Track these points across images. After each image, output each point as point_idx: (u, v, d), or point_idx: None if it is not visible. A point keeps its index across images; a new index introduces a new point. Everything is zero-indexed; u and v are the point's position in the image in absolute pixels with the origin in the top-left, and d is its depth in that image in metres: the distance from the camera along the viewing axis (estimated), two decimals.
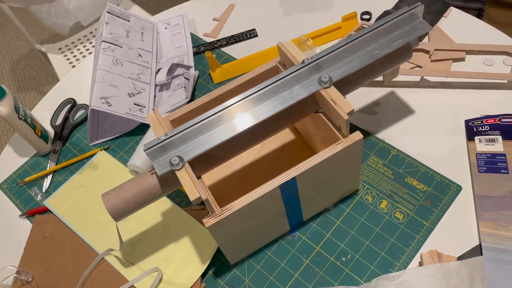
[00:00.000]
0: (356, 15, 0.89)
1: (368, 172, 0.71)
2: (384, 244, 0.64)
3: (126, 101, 0.79)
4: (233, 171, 0.72)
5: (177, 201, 0.73)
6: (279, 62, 0.66)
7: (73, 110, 0.88)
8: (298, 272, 0.64)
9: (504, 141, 0.69)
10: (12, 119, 0.76)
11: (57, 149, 0.83)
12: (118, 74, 0.80)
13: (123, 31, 0.87)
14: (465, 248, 0.62)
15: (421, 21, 0.62)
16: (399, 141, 0.73)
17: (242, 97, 0.57)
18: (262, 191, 0.55)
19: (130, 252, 0.68)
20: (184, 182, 0.53)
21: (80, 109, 0.89)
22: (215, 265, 0.66)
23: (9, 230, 0.76)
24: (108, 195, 0.57)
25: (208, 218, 0.54)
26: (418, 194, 0.68)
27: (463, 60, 0.80)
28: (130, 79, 0.81)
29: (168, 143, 0.55)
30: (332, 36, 0.89)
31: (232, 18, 0.98)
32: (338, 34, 0.89)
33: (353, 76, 0.61)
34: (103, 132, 0.83)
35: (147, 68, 0.85)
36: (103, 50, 0.82)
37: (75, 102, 0.89)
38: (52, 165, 0.81)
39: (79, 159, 0.81)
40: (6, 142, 1.79)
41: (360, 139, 0.57)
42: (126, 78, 0.81)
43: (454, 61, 0.80)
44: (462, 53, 0.80)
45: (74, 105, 0.89)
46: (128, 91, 0.80)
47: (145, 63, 0.86)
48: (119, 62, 0.82)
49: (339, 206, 0.68)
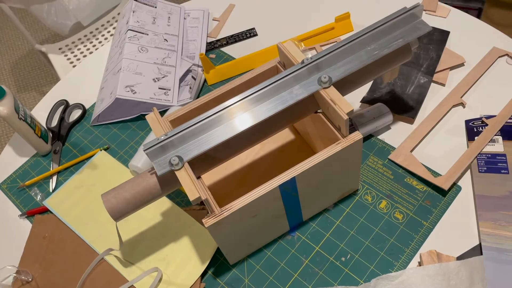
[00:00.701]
0: (349, 15, 0.89)
1: (368, 172, 0.71)
2: (384, 244, 0.64)
3: (151, 86, 0.79)
4: (233, 171, 0.72)
5: (177, 201, 0.73)
6: (278, 62, 0.66)
7: (67, 110, 0.88)
8: (298, 272, 0.64)
9: (504, 141, 0.69)
10: (12, 119, 0.76)
11: (58, 150, 0.83)
12: (143, 61, 0.81)
13: (149, 18, 0.88)
14: (465, 248, 0.62)
15: (421, 21, 0.62)
16: (399, 141, 0.73)
17: (241, 97, 0.57)
18: (262, 191, 0.55)
19: (130, 252, 0.68)
20: (183, 182, 0.53)
21: (75, 109, 0.89)
22: (215, 265, 0.66)
23: (9, 230, 0.76)
24: (107, 195, 0.57)
25: (207, 218, 0.54)
26: (418, 194, 0.68)
27: (463, 65, 0.80)
28: (155, 64, 0.82)
29: (167, 143, 0.55)
30: (325, 37, 0.89)
31: (232, 18, 0.98)
32: (331, 34, 0.89)
33: (353, 76, 0.61)
34: (107, 115, 0.83)
35: (173, 51, 0.86)
36: (129, 39, 0.82)
37: (68, 103, 0.90)
38: (54, 166, 0.81)
39: (81, 159, 0.81)
40: (6, 142, 1.79)
41: (359, 139, 0.57)
42: (151, 64, 0.82)
43: (452, 68, 0.80)
44: (461, 58, 0.80)
45: (67, 105, 0.89)
46: (153, 76, 0.80)
47: (171, 46, 0.86)
48: (144, 49, 0.82)
49: (338, 206, 0.68)
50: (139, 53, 0.82)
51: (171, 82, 0.81)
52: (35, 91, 1.93)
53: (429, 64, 0.79)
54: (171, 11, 0.93)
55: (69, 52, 1.40)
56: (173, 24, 0.91)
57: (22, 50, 2.09)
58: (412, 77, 0.78)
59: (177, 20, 0.93)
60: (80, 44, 1.41)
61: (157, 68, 0.82)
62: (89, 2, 1.37)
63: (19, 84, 1.95)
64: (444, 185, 0.66)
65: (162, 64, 0.82)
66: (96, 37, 1.42)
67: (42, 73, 1.99)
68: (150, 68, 0.81)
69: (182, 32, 0.91)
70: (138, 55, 0.82)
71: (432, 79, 0.78)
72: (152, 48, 0.84)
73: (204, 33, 0.92)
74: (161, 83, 0.80)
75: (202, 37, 0.92)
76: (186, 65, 0.84)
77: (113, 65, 0.84)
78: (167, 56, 0.84)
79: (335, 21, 0.89)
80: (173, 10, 0.94)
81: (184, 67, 0.84)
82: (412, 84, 0.78)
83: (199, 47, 0.91)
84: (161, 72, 0.81)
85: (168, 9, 0.93)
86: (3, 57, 2.07)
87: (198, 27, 0.93)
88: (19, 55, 2.07)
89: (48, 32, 2.13)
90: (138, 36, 0.84)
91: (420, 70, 0.79)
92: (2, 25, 2.19)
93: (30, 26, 2.16)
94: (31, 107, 1.83)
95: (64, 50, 1.41)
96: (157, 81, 0.80)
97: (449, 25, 0.86)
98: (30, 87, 1.95)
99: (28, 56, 2.06)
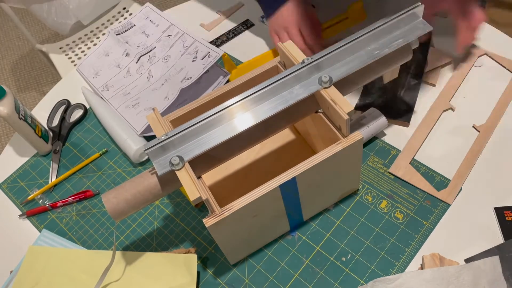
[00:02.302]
0: (362, 4, 0.88)
1: (368, 172, 0.71)
2: (384, 244, 0.64)
3: (195, 64, 0.84)
4: (233, 171, 0.72)
5: (177, 201, 0.73)
6: (279, 62, 0.66)
7: (68, 110, 0.88)
8: (298, 272, 0.64)
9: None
10: (13, 119, 0.76)
11: (58, 149, 0.83)
12: (174, 62, 0.88)
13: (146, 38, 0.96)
14: (465, 248, 0.62)
15: (421, 21, 0.62)
16: (399, 141, 0.73)
17: (242, 97, 0.57)
18: (262, 191, 0.55)
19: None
20: (184, 182, 0.53)
21: (76, 109, 0.89)
22: (215, 265, 0.66)
23: (8, 230, 0.76)
24: (108, 195, 0.57)
25: (208, 218, 0.54)
26: (418, 194, 0.68)
27: (451, 64, 0.80)
28: (184, 54, 0.88)
29: (168, 143, 0.55)
30: (340, 27, 0.88)
31: (235, 16, 0.98)
32: (345, 24, 0.88)
33: (353, 76, 0.61)
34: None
35: (182, 35, 0.91)
36: (151, 62, 0.90)
37: (69, 103, 0.90)
38: (54, 165, 0.81)
39: (85, 163, 0.81)
40: (6, 142, 1.79)
41: (360, 139, 0.57)
42: (180, 57, 0.88)
43: (443, 66, 0.80)
44: (448, 57, 0.80)
45: (69, 105, 0.89)
46: (190, 59, 0.86)
47: (176, 35, 0.92)
48: (167, 57, 0.89)
49: (339, 206, 0.68)
50: (165, 62, 0.88)
51: (205, 49, 0.86)
52: (35, 91, 1.93)
53: (416, 65, 0.79)
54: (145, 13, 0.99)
55: (70, 51, 1.40)
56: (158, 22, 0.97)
57: (22, 50, 2.09)
58: (402, 80, 0.78)
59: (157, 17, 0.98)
60: (81, 43, 1.41)
61: (187, 54, 0.88)
62: (89, 1, 1.37)
63: (19, 84, 1.95)
64: (447, 199, 0.66)
65: (187, 48, 0.88)
66: (96, 36, 1.42)
67: (42, 73, 1.99)
68: (183, 59, 0.87)
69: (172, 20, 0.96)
70: (168, 64, 0.88)
71: (422, 80, 0.78)
72: (169, 50, 0.90)
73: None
74: (199, 55, 0.86)
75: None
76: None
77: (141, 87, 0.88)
78: (183, 42, 0.90)
79: (348, 11, 0.89)
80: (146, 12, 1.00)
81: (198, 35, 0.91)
82: (402, 87, 0.77)
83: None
84: (192, 53, 0.87)
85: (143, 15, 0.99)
86: (4, 57, 2.07)
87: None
88: (19, 55, 2.07)
89: (48, 31, 2.13)
90: (150, 55, 0.91)
91: (409, 72, 0.79)
92: (3, 25, 2.19)
93: (31, 25, 2.16)
94: (32, 107, 1.83)
95: (65, 49, 1.41)
96: (195, 59, 0.86)
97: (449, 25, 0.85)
98: (31, 87, 1.95)
99: (29, 56, 2.06)
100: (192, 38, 0.89)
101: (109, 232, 0.72)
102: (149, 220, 0.73)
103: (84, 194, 0.76)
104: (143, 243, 0.70)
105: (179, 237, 0.70)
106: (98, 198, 0.77)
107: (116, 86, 0.91)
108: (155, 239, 0.70)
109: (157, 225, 0.72)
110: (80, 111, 0.88)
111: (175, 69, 0.86)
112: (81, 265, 0.67)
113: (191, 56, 0.87)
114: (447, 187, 0.67)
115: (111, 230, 0.73)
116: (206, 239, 0.69)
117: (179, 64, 0.87)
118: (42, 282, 0.66)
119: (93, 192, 0.76)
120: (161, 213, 0.73)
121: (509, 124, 0.72)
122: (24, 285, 0.66)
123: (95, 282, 0.64)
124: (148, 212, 0.73)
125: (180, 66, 0.86)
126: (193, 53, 0.87)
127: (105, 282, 0.65)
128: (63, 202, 0.76)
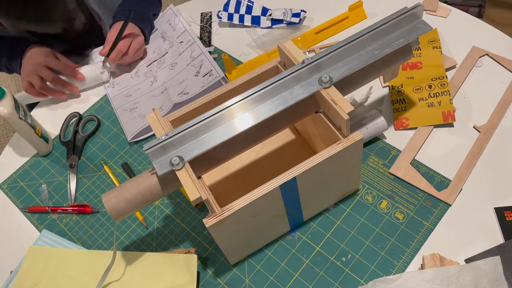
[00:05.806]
0: (361, 3, 0.88)
1: (368, 172, 0.71)
2: (384, 244, 0.64)
3: (197, 80, 0.85)
4: (233, 171, 0.72)
5: (177, 201, 0.73)
6: (279, 62, 0.66)
7: (80, 122, 0.86)
8: (298, 272, 0.64)
9: None
10: (13, 118, 0.76)
11: (74, 164, 0.81)
12: (180, 71, 0.89)
13: (159, 38, 0.97)
14: (465, 248, 0.62)
15: (422, 21, 0.62)
16: (400, 141, 0.73)
17: (242, 97, 0.57)
18: (262, 191, 0.55)
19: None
20: (184, 182, 0.53)
21: (89, 121, 0.88)
22: (215, 265, 0.66)
23: (9, 230, 0.76)
24: (108, 195, 0.57)
25: (208, 218, 0.54)
26: (418, 194, 0.68)
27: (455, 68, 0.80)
28: (189, 65, 0.88)
29: (168, 143, 0.55)
30: (340, 27, 0.88)
31: None
32: (346, 24, 0.88)
33: (353, 76, 0.61)
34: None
35: (192, 43, 0.92)
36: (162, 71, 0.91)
37: (81, 116, 0.88)
38: (72, 180, 0.79)
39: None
40: (6, 142, 1.79)
41: (360, 139, 0.57)
42: (185, 67, 0.89)
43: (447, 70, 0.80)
44: (453, 61, 0.80)
45: (81, 118, 0.87)
46: (193, 72, 0.87)
47: (188, 42, 0.92)
48: (174, 64, 0.90)
49: (339, 206, 0.68)
50: (172, 70, 0.90)
51: (208, 65, 0.87)
52: None
53: None
54: (167, 16, 1.00)
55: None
56: (175, 26, 0.97)
57: None
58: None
59: (176, 21, 0.98)
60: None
61: (191, 66, 0.88)
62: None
63: (19, 84, 1.95)
64: (448, 199, 0.66)
65: (192, 59, 0.89)
66: None
67: None
68: (187, 70, 0.88)
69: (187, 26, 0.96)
70: (173, 71, 0.89)
71: None
72: (178, 57, 0.91)
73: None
74: (202, 71, 0.86)
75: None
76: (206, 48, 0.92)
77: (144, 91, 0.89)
78: (191, 51, 0.91)
79: (348, 10, 0.89)
80: (168, 15, 1.00)
81: (207, 49, 0.92)
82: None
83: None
84: (196, 65, 0.88)
85: (166, 18, 1.00)
86: None
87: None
88: None
89: None
90: (161, 60, 0.92)
91: None
92: None
93: None
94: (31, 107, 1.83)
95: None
96: (198, 74, 0.86)
97: (449, 25, 0.86)
98: None
99: None
100: (200, 49, 0.90)
101: (109, 232, 0.72)
102: (149, 220, 0.73)
103: (83, 208, 0.75)
104: (143, 243, 0.70)
105: (179, 237, 0.70)
106: (98, 198, 0.76)
107: (122, 84, 0.91)
108: (155, 239, 0.70)
109: (157, 225, 0.72)
110: (93, 123, 0.86)
111: (178, 79, 0.87)
112: (81, 265, 0.67)
113: (195, 70, 0.87)
114: (448, 187, 0.67)
115: (111, 230, 0.73)
116: (206, 239, 0.69)
117: (182, 75, 0.87)
118: (42, 282, 0.66)
119: (93, 209, 0.75)
120: (161, 213, 0.73)
121: (510, 125, 0.72)
122: (24, 285, 0.66)
123: (95, 282, 0.64)
124: (148, 212, 0.73)
125: (183, 78, 0.87)
126: (197, 67, 0.87)
127: (105, 282, 0.65)
128: (63, 209, 0.75)
